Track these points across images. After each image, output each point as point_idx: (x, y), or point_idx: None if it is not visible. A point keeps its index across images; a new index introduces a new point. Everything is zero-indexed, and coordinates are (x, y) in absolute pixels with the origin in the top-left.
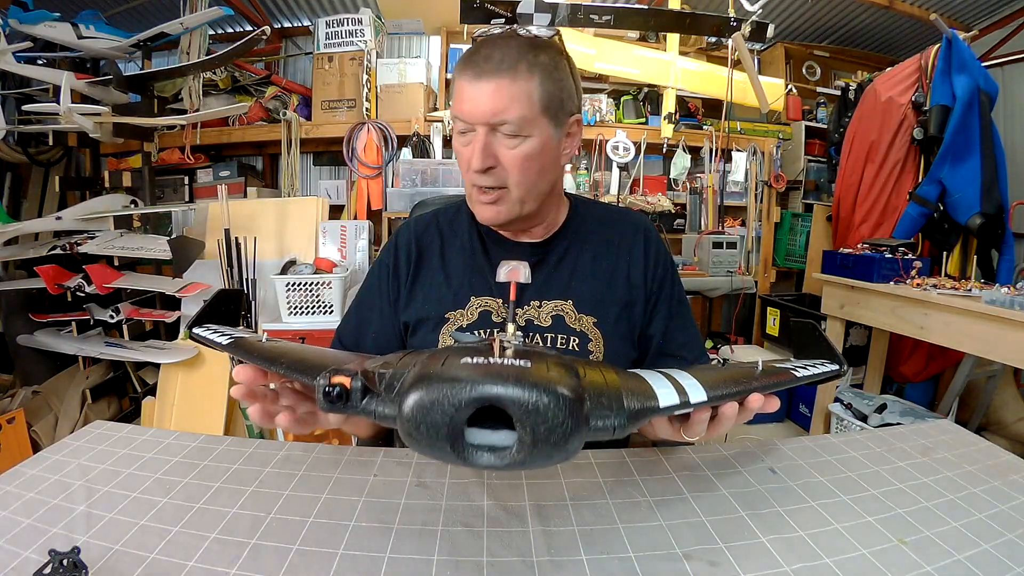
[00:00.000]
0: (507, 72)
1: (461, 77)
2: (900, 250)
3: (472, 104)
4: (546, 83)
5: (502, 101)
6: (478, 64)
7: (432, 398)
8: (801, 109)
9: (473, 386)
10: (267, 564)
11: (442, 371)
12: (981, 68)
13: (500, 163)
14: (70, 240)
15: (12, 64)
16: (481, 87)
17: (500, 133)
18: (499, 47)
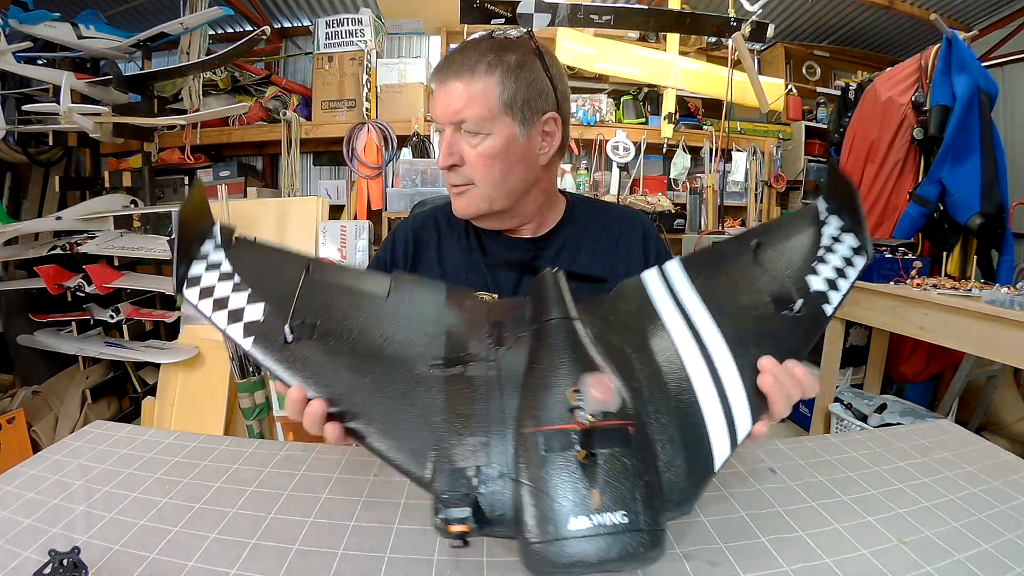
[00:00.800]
0: (466, 73)
1: (433, 80)
2: (900, 250)
3: (439, 104)
4: (508, 82)
5: (460, 100)
6: (443, 67)
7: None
8: (801, 109)
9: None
10: (267, 564)
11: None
12: (981, 68)
13: (464, 161)
14: (70, 240)
15: (12, 64)
16: (445, 88)
17: (463, 132)
18: (465, 50)
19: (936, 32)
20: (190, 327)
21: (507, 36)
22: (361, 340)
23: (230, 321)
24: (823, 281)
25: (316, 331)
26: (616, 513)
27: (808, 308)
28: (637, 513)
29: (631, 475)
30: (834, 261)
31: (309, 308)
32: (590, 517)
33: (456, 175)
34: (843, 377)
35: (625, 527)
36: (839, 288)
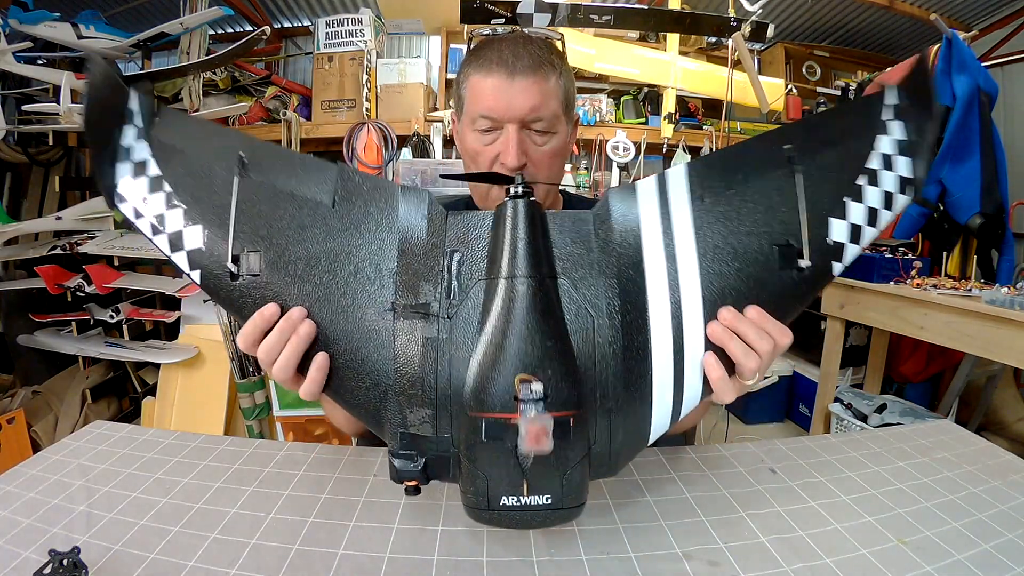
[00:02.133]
0: (539, 70)
1: (489, 75)
2: (900, 250)
3: (507, 101)
4: (564, 82)
5: (535, 97)
6: (508, 62)
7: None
8: (801, 109)
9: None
10: (267, 564)
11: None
12: (981, 68)
13: (531, 160)
14: (70, 240)
15: (12, 64)
16: (516, 85)
17: (531, 130)
18: (523, 47)
19: (936, 32)
20: (190, 327)
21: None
22: (309, 272)
23: (172, 250)
24: (847, 228)
25: (260, 262)
26: (542, 496)
27: (815, 265)
28: (561, 496)
29: (561, 464)
30: (871, 198)
31: (250, 228)
32: (519, 499)
33: (520, 173)
34: (843, 377)
35: (549, 507)
36: (860, 239)
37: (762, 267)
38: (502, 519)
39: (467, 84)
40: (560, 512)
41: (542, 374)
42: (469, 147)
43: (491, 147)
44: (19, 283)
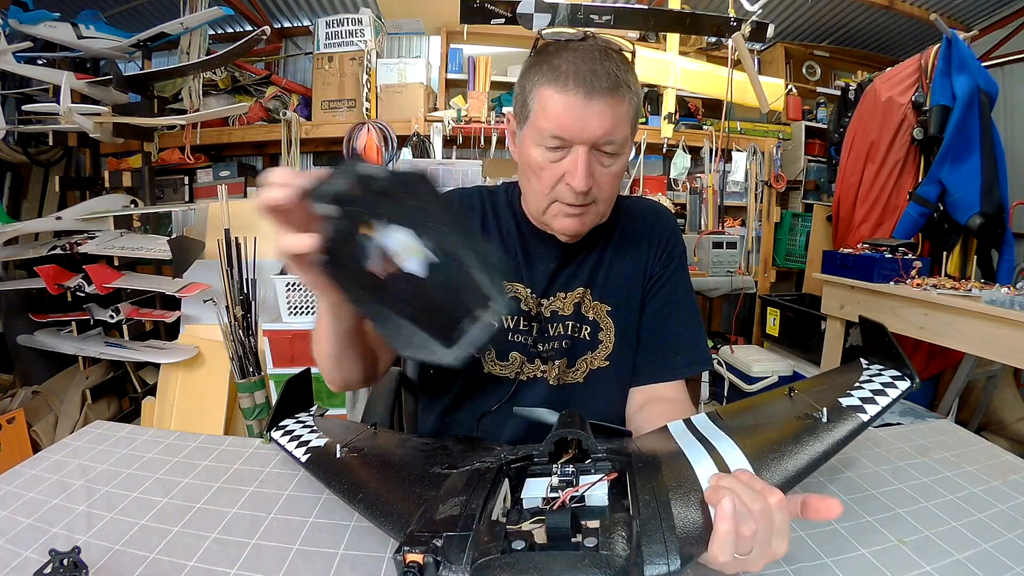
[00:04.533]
0: (616, 93)
1: (565, 92)
2: (900, 250)
3: (581, 123)
4: (635, 103)
5: (612, 122)
6: (587, 82)
7: None
8: (801, 109)
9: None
10: (267, 564)
11: None
12: (981, 68)
13: (596, 183)
14: (70, 240)
15: (12, 64)
16: (592, 108)
17: (600, 152)
18: (600, 62)
19: (936, 32)
20: (190, 327)
21: (611, 45)
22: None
23: (297, 447)
24: (856, 399)
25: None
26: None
27: (835, 417)
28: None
29: None
30: (870, 387)
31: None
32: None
33: (586, 196)
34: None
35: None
36: (877, 402)
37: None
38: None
39: (537, 94)
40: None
41: None
42: (532, 160)
43: (558, 165)
44: (19, 283)
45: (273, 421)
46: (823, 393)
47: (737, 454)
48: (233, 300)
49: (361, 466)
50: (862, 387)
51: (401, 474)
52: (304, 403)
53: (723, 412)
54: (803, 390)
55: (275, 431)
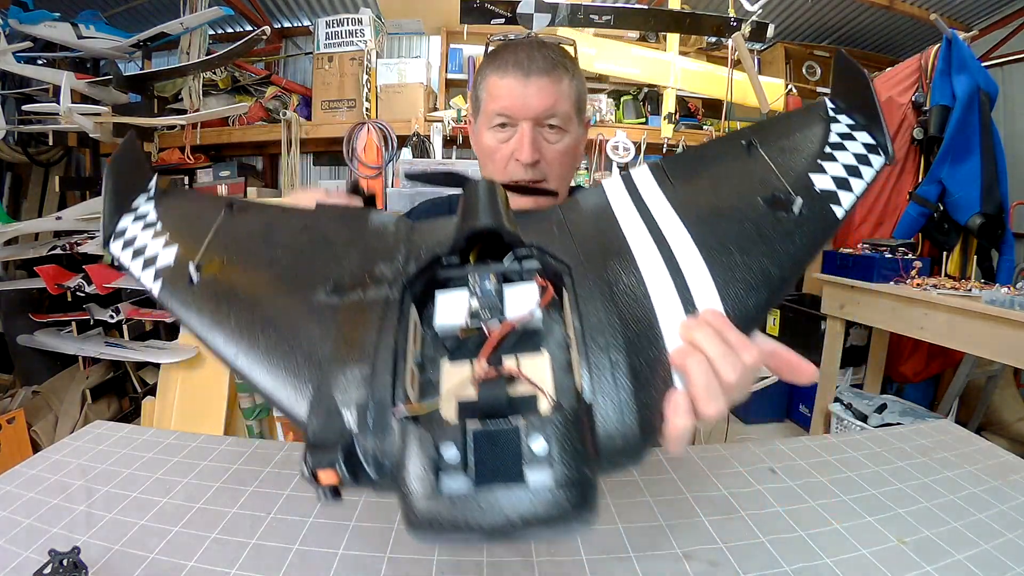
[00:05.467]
0: (553, 72)
1: (505, 76)
2: (900, 250)
3: (523, 100)
4: (576, 85)
5: (551, 97)
6: (524, 64)
7: (438, 530)
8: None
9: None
10: (267, 564)
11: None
12: (981, 68)
13: (543, 158)
14: (70, 240)
15: (12, 64)
16: (531, 84)
17: (545, 128)
18: (537, 50)
19: (936, 32)
20: None
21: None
22: (267, 271)
23: (143, 267)
24: (831, 179)
25: (222, 267)
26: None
27: (811, 208)
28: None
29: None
30: (844, 158)
31: (222, 246)
32: None
33: (535, 171)
34: (843, 377)
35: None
36: (852, 188)
37: (755, 220)
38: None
39: (484, 85)
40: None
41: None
42: (485, 145)
43: (506, 144)
44: (19, 283)
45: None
46: (787, 154)
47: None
48: None
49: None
50: (833, 156)
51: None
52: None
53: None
54: (764, 141)
55: (113, 241)
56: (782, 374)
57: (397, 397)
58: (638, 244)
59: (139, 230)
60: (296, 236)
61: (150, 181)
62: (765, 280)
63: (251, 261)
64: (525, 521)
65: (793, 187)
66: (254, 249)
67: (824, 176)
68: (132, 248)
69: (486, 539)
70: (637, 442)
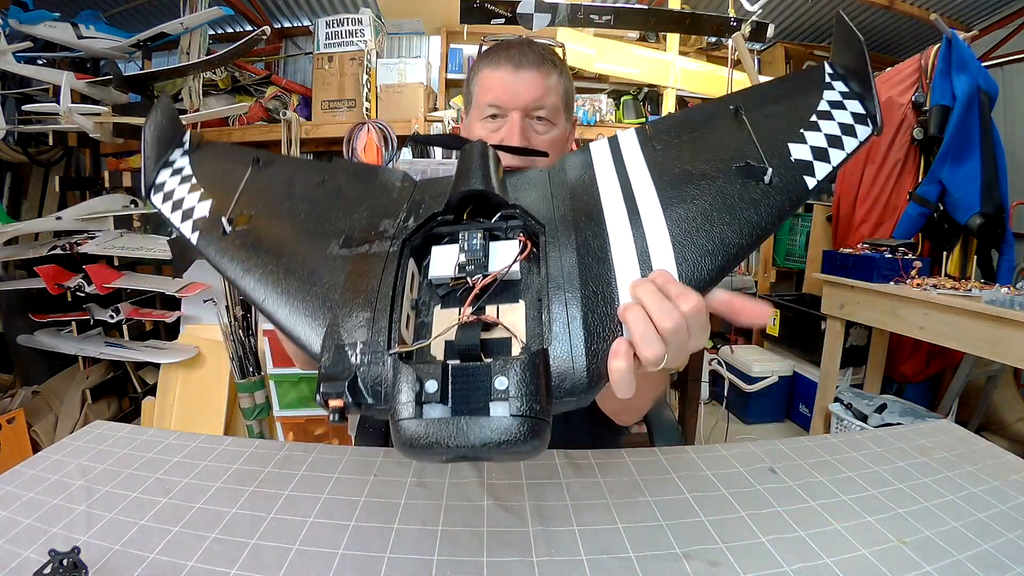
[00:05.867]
0: (543, 66)
1: (498, 69)
2: (900, 250)
3: (513, 91)
4: (564, 82)
5: (540, 89)
6: (515, 58)
7: (416, 448)
8: None
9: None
10: (267, 564)
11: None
12: (981, 68)
13: (531, 145)
14: (70, 240)
15: (12, 64)
16: (521, 76)
17: (533, 119)
18: (527, 47)
19: (936, 32)
20: (190, 327)
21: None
22: (289, 224)
23: (182, 220)
24: (808, 150)
25: (251, 220)
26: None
27: (782, 178)
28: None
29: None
30: (828, 128)
31: (251, 199)
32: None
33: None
34: (843, 377)
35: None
36: (830, 159)
37: (725, 188)
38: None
39: (477, 79)
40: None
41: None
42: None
43: (496, 134)
44: (19, 283)
45: (149, 175)
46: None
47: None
48: (233, 300)
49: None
50: (818, 125)
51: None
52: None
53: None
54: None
55: (154, 194)
56: (739, 319)
57: (393, 338)
58: (611, 208)
59: (176, 184)
60: (314, 190)
61: (184, 135)
62: (723, 247)
63: (275, 214)
64: (485, 445)
65: (767, 156)
66: (278, 202)
67: (803, 146)
68: (171, 201)
69: (456, 457)
70: (584, 385)
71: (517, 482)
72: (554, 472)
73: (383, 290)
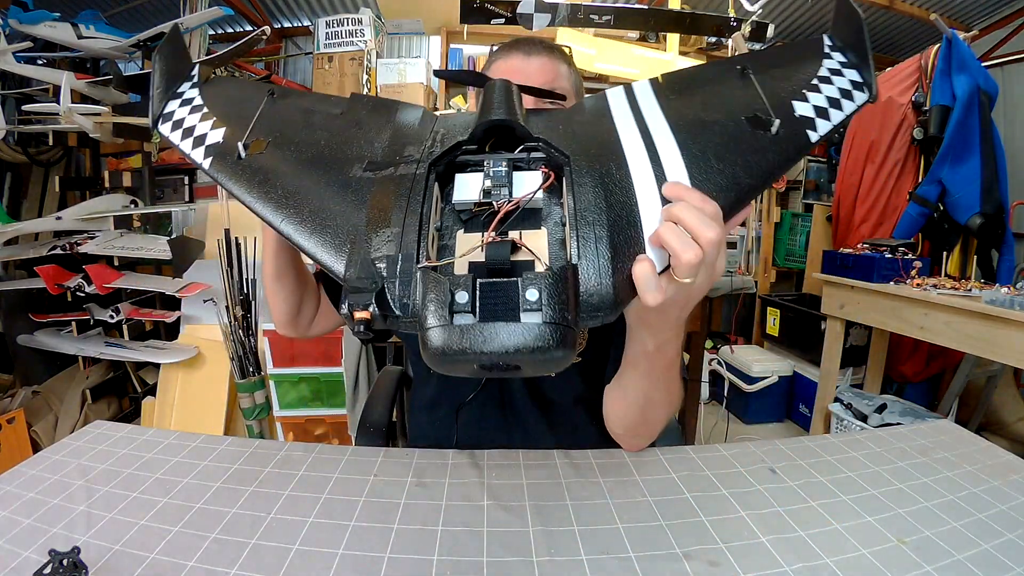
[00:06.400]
0: (552, 54)
1: (509, 58)
2: (900, 250)
3: (524, 75)
4: (574, 74)
5: (551, 73)
6: (524, 47)
7: (448, 354)
8: None
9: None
10: (267, 564)
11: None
12: (981, 68)
13: None
14: (70, 240)
15: (12, 64)
16: (532, 62)
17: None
18: (537, 40)
19: (936, 32)
20: (190, 327)
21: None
22: (309, 150)
23: (193, 147)
24: (811, 108)
25: (268, 146)
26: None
27: (787, 130)
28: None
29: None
30: (828, 91)
31: (266, 127)
32: None
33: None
34: (843, 377)
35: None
36: (830, 118)
37: (735, 133)
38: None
39: (489, 71)
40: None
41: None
42: None
43: None
44: (19, 283)
45: (157, 105)
46: (775, 81)
47: (679, 167)
48: (233, 300)
49: (271, 168)
50: (819, 88)
51: (320, 180)
52: (182, 70)
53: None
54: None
55: (162, 123)
56: None
57: (421, 253)
58: (629, 143)
59: (187, 113)
60: (333, 120)
61: (193, 69)
62: (735, 184)
63: (293, 140)
64: (517, 349)
65: (774, 109)
66: (296, 130)
67: (806, 104)
68: (181, 129)
69: (486, 366)
70: (611, 300)
71: (517, 482)
72: (554, 472)
73: (411, 207)
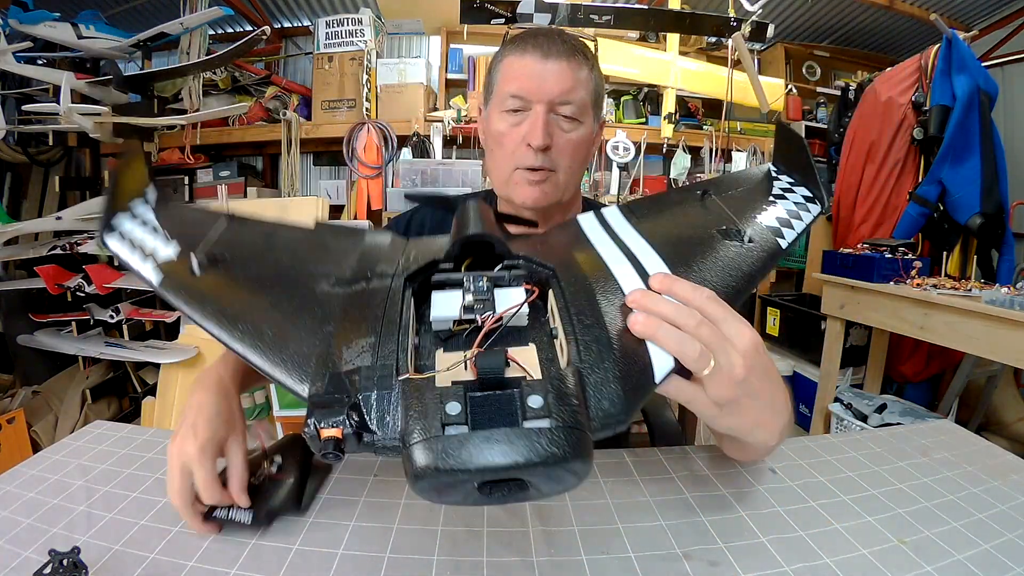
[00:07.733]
0: (573, 57)
1: (524, 56)
2: (900, 250)
3: (539, 81)
4: (595, 77)
5: (568, 81)
6: (544, 46)
7: (442, 472)
8: (801, 109)
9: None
10: (267, 564)
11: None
12: (981, 68)
13: (554, 145)
14: (70, 240)
15: (12, 64)
16: (549, 66)
17: (559, 115)
18: (557, 36)
19: (936, 32)
20: (190, 327)
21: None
22: (270, 268)
23: (143, 260)
24: (774, 219)
25: (226, 262)
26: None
27: (759, 239)
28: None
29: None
30: (785, 205)
31: (223, 244)
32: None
33: (544, 157)
34: (843, 377)
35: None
36: (793, 227)
37: (711, 245)
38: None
39: (500, 67)
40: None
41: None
42: (494, 130)
43: (518, 129)
44: (19, 283)
45: (104, 218)
46: (737, 200)
47: (656, 261)
48: None
49: (229, 286)
50: (776, 203)
51: (282, 295)
52: (136, 184)
53: (638, 211)
54: (718, 192)
55: (108, 235)
56: None
57: (400, 365)
58: (611, 258)
59: (137, 228)
60: (297, 243)
61: (147, 189)
62: (722, 288)
63: (254, 258)
64: (525, 461)
65: (741, 223)
66: (256, 250)
67: (769, 215)
68: (129, 242)
69: (488, 478)
70: (622, 403)
71: None
72: None
73: (388, 316)
